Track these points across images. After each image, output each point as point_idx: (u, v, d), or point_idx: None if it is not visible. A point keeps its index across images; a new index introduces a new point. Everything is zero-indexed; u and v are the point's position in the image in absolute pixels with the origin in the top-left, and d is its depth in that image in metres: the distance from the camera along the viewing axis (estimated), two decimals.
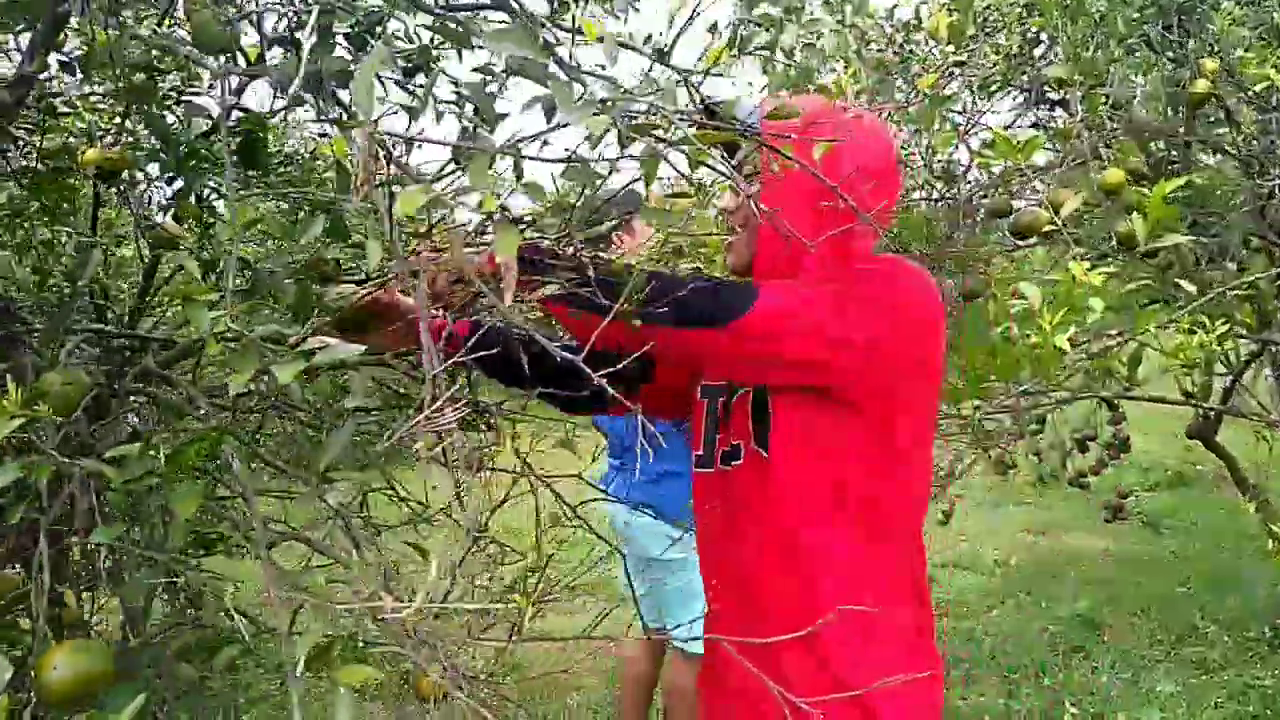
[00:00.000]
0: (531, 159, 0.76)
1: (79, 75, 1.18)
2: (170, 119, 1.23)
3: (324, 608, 0.68)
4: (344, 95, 0.80)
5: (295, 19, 0.86)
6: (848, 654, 1.29)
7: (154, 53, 1.10)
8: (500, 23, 0.81)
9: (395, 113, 0.78)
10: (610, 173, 0.90)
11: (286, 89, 0.75)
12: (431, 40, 1.09)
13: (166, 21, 1.21)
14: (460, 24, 0.72)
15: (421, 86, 0.78)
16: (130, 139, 1.28)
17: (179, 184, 1.15)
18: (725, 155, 1.36)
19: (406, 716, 3.47)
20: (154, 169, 1.25)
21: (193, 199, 1.17)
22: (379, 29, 0.82)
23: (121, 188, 1.31)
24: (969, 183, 2.45)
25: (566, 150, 0.91)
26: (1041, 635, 4.05)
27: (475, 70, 0.80)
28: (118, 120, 1.32)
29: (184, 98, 1.22)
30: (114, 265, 1.73)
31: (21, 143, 1.39)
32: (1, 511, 0.82)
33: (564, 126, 0.68)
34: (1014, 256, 2.42)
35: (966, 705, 3.50)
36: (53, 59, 1.12)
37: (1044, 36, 2.52)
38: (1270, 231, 2.86)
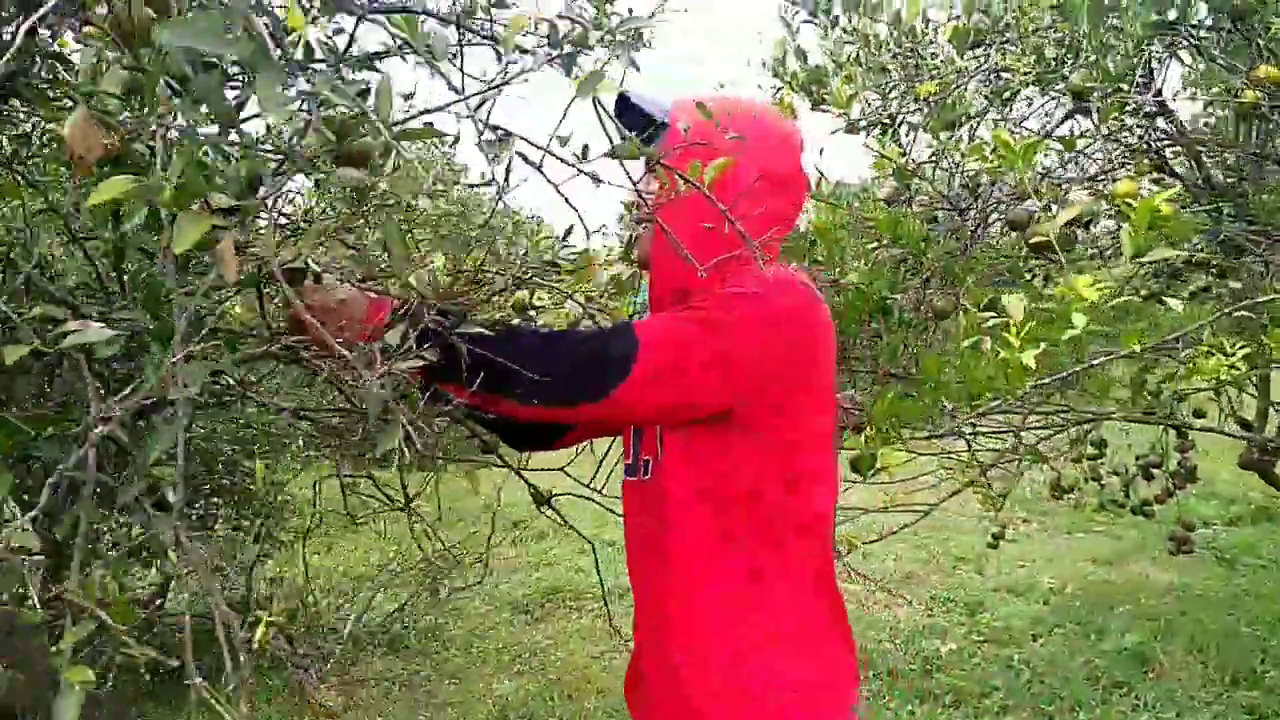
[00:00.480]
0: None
1: None
2: None
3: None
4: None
5: None
6: (742, 662, 1.27)
7: None
8: None
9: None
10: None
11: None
12: None
13: None
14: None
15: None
16: None
17: None
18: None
19: None
20: None
21: None
22: None
23: None
24: (990, 196, 2.37)
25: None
26: (1085, 668, 3.88)
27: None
28: None
29: None
30: None
31: None
32: None
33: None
34: (1033, 270, 2.33)
35: None
36: None
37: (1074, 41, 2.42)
38: None
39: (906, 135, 2.35)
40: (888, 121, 2.23)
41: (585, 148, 1.05)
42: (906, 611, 4.72)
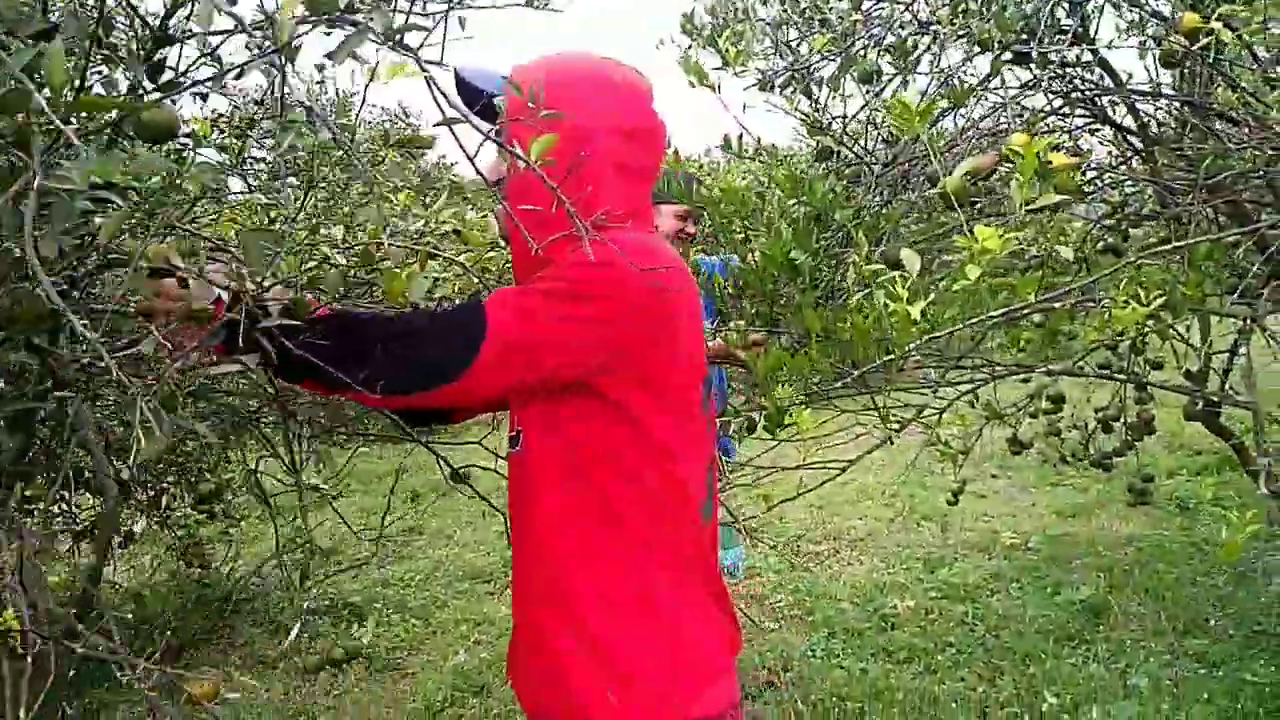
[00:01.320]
0: None
1: None
2: None
3: None
4: None
5: None
6: (605, 631, 1.25)
7: None
8: None
9: None
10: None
11: None
12: None
13: None
14: None
15: None
16: None
17: None
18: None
19: None
20: None
21: None
22: None
23: None
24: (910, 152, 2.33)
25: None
26: (1039, 621, 3.89)
27: None
28: None
29: None
30: None
31: None
32: None
33: None
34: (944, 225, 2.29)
35: (944, 690, 3.39)
36: None
37: None
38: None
39: (820, 91, 2.31)
40: (797, 78, 2.18)
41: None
42: (866, 569, 4.73)
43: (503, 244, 1.61)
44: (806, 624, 4.11)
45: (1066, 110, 2.55)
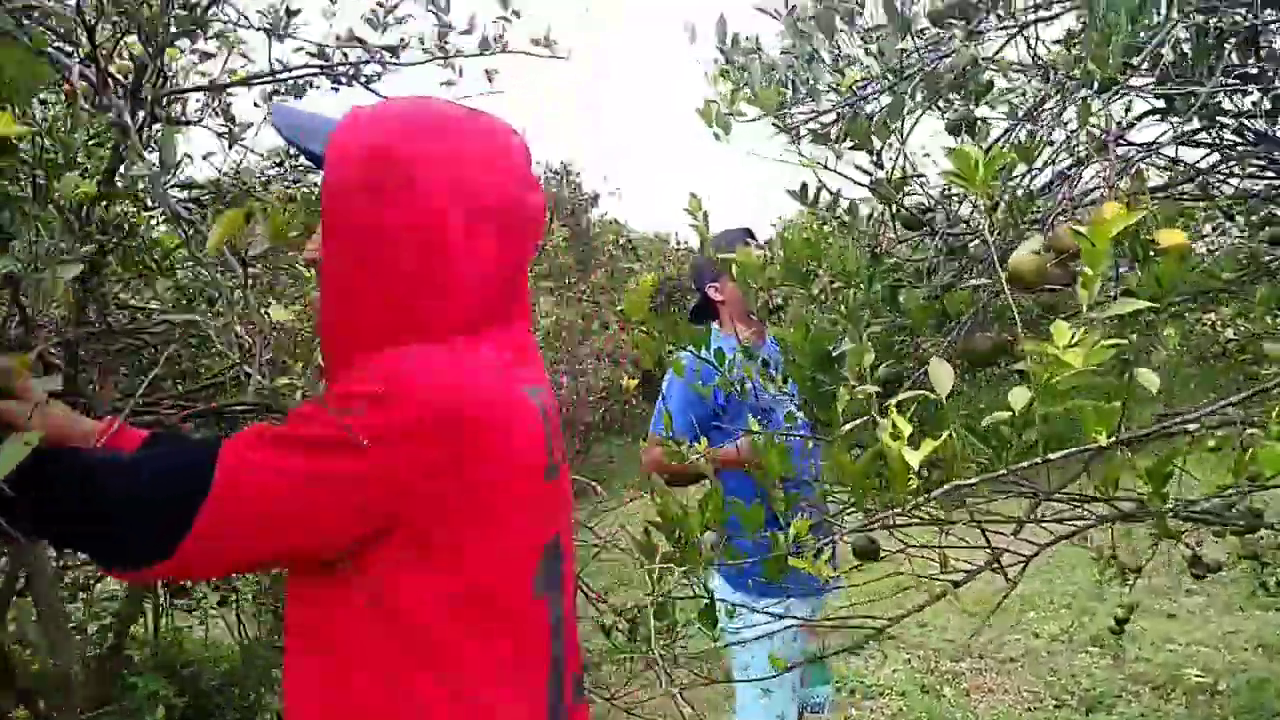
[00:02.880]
0: None
1: None
2: None
3: None
4: None
5: None
6: None
7: None
8: None
9: None
10: None
11: None
12: None
13: None
14: None
15: None
16: None
17: None
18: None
19: None
20: None
21: None
22: None
23: None
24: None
25: None
26: None
27: None
28: None
29: None
30: None
31: None
32: None
33: None
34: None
35: None
36: None
37: None
38: None
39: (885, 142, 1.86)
40: (850, 123, 1.74)
41: None
42: (1010, 700, 4.03)
43: None
44: None
45: (1227, 166, 1.98)
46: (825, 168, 1.67)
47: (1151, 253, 1.72)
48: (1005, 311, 1.75)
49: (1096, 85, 1.74)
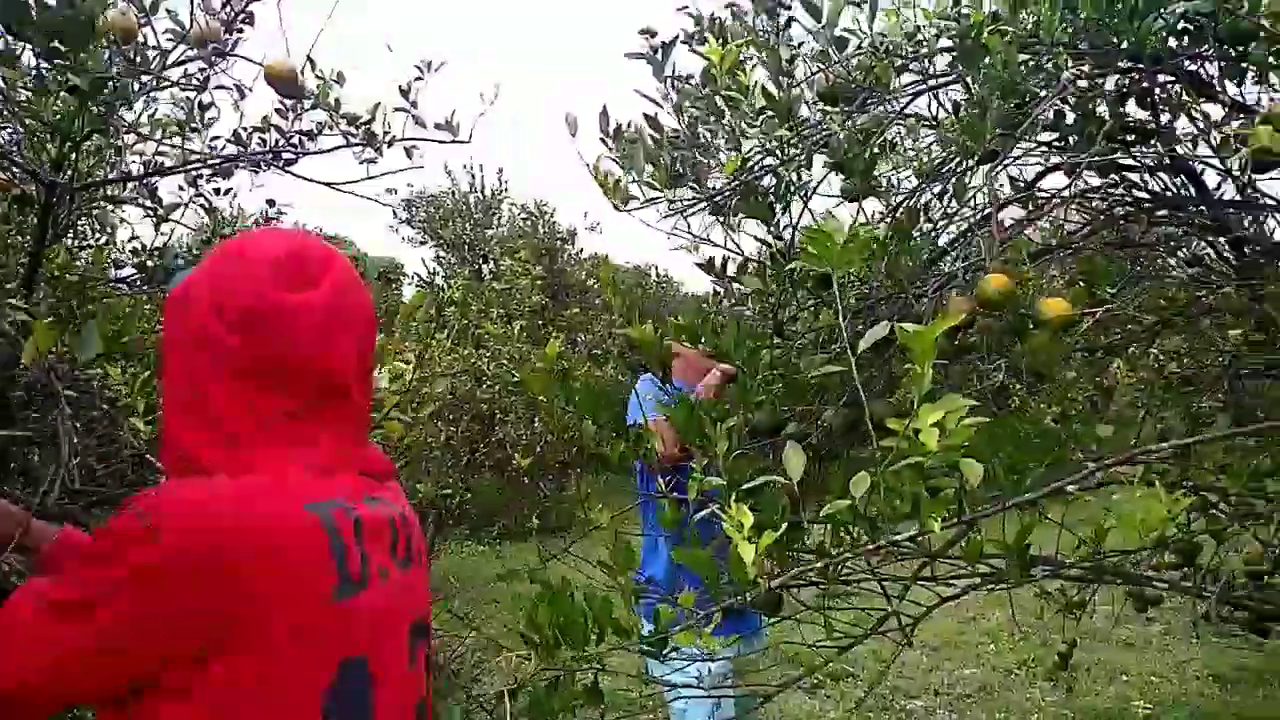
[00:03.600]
0: None
1: None
2: None
3: None
4: None
5: None
6: None
7: None
8: None
9: None
10: None
11: None
12: None
13: None
14: None
15: None
16: None
17: None
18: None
19: None
20: None
21: None
22: None
23: None
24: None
25: None
26: None
27: None
28: None
29: None
30: None
31: None
32: None
33: None
34: None
35: None
36: None
37: None
38: None
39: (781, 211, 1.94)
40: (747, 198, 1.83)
41: None
42: None
43: None
44: None
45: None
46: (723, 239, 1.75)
47: (1031, 325, 1.81)
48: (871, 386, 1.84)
49: (977, 158, 1.84)
